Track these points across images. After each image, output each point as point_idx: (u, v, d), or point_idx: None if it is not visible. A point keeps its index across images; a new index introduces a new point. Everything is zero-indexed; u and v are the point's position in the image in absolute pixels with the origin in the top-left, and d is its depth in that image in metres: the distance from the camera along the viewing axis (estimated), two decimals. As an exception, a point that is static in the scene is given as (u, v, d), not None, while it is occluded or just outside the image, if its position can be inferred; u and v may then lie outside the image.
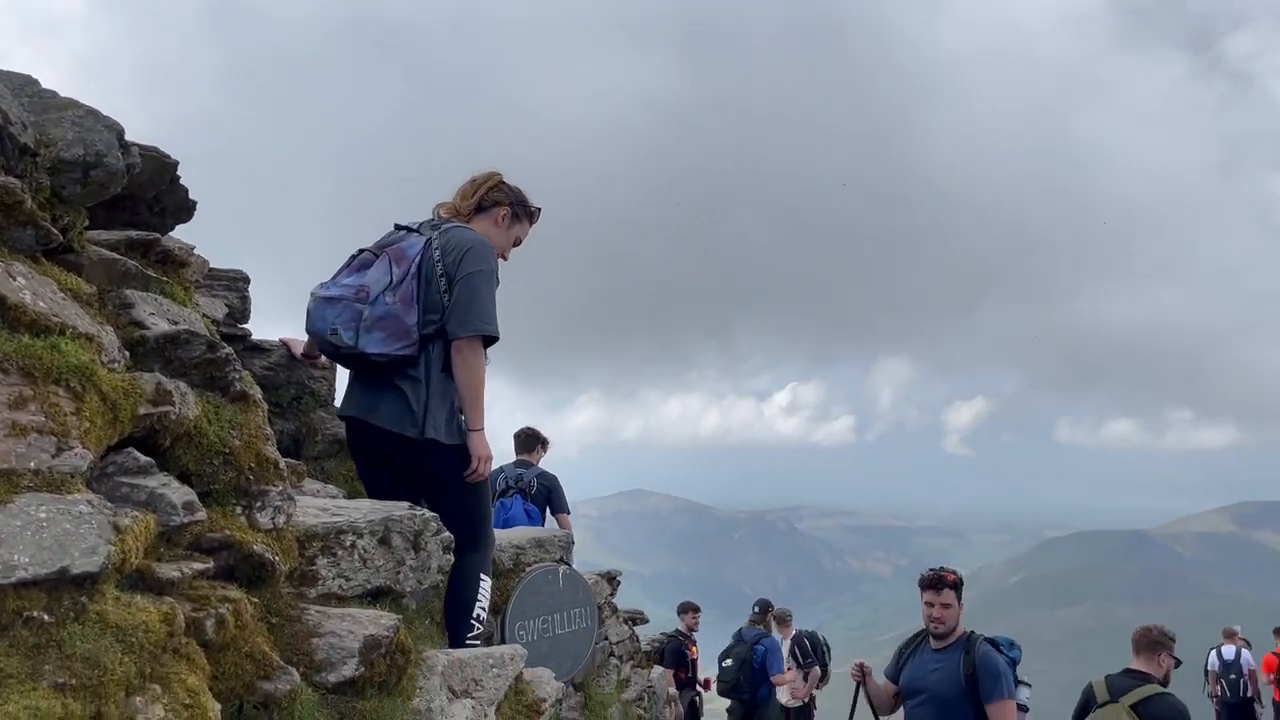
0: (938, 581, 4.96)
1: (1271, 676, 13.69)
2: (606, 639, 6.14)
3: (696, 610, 10.23)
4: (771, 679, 9.69)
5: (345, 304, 3.26)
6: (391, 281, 3.28)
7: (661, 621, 9.93)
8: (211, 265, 3.87)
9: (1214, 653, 14.38)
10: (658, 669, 7.87)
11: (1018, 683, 4.93)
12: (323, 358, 3.99)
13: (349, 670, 2.07)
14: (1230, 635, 14.57)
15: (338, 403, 4.21)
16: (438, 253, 3.38)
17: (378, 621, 2.20)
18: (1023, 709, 4.92)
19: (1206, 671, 14.38)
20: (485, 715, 2.38)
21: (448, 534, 2.76)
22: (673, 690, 9.61)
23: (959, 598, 4.98)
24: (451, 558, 2.78)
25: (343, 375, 4.11)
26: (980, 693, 4.74)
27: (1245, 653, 14.22)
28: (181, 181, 3.01)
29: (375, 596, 2.50)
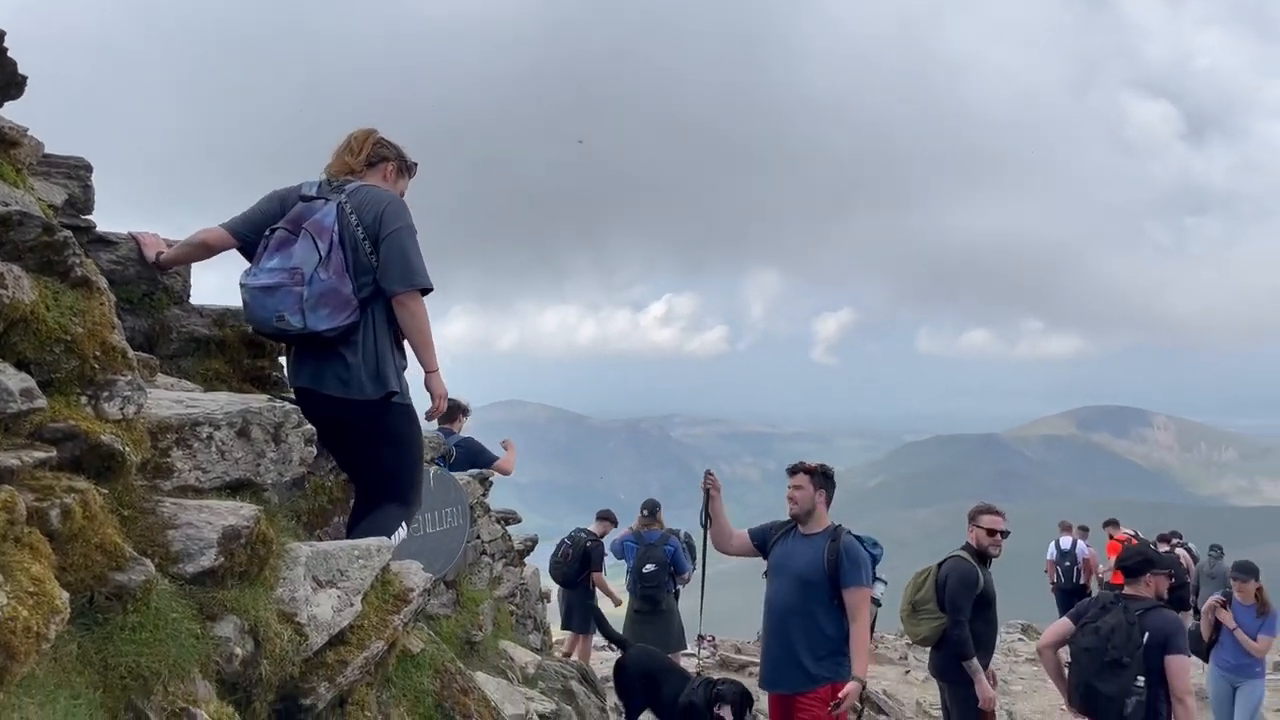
0: (795, 468, 5.40)
1: (1112, 561, 14.87)
2: (479, 538, 6.20)
3: (614, 521, 10.45)
4: (680, 577, 9.95)
5: (284, 290, 3.32)
6: (320, 257, 3.35)
7: (536, 529, 10.02)
8: (50, 151, 3.61)
9: (1053, 544, 15.59)
10: (530, 567, 7.99)
11: (875, 579, 5.24)
12: (173, 269, 3.85)
13: (208, 561, 2.03)
14: (1066, 528, 15.81)
15: (194, 299, 4.07)
16: (354, 217, 3.47)
17: (237, 512, 2.15)
18: (876, 603, 5.24)
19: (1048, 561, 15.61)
20: (351, 604, 2.38)
21: (309, 426, 2.71)
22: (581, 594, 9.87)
23: (816, 485, 5.27)
24: (314, 449, 2.75)
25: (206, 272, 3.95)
26: (840, 577, 5.02)
27: (1080, 543, 15.45)
28: (9, 54, 2.78)
29: (235, 489, 2.45)
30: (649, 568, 9.50)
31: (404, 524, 3.68)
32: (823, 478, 5.36)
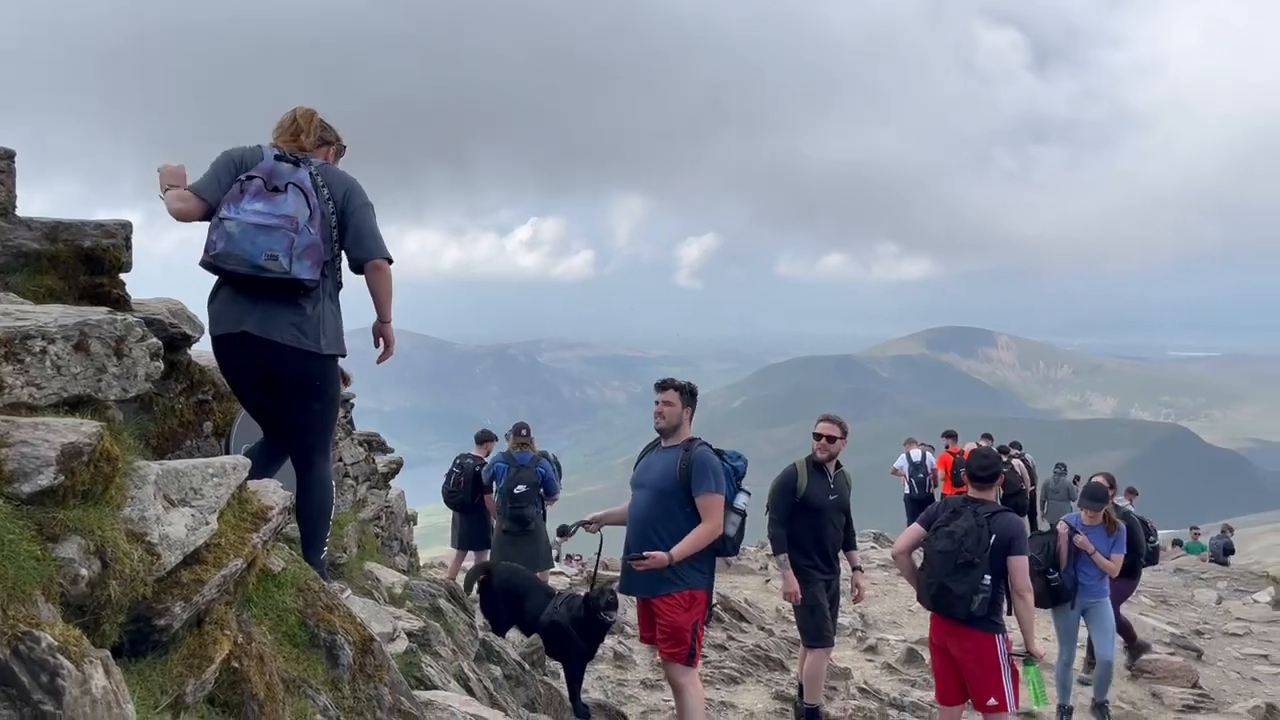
0: (664, 384, 5.48)
1: (945, 473, 15.76)
2: (341, 460, 6.09)
3: (494, 439, 10.54)
4: (549, 500, 10.01)
5: (282, 232, 3.59)
6: (310, 214, 3.68)
7: (402, 456, 9.88)
8: None
9: (904, 457, 16.47)
10: (396, 489, 7.90)
11: (739, 490, 5.38)
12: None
13: (46, 480, 1.92)
14: (910, 443, 16.76)
15: (20, 211, 3.79)
16: (325, 190, 3.83)
17: (78, 429, 2.04)
18: (740, 513, 5.38)
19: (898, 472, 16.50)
20: (205, 522, 2.30)
21: (155, 340, 2.58)
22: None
23: (684, 402, 5.36)
24: (161, 364, 2.61)
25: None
26: (692, 484, 5.16)
27: (929, 455, 16.38)
28: None
29: (74, 406, 2.31)
30: (520, 489, 9.53)
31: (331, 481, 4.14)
32: (690, 395, 5.47)
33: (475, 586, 6.57)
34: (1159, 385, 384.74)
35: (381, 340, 4.07)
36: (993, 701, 5.70)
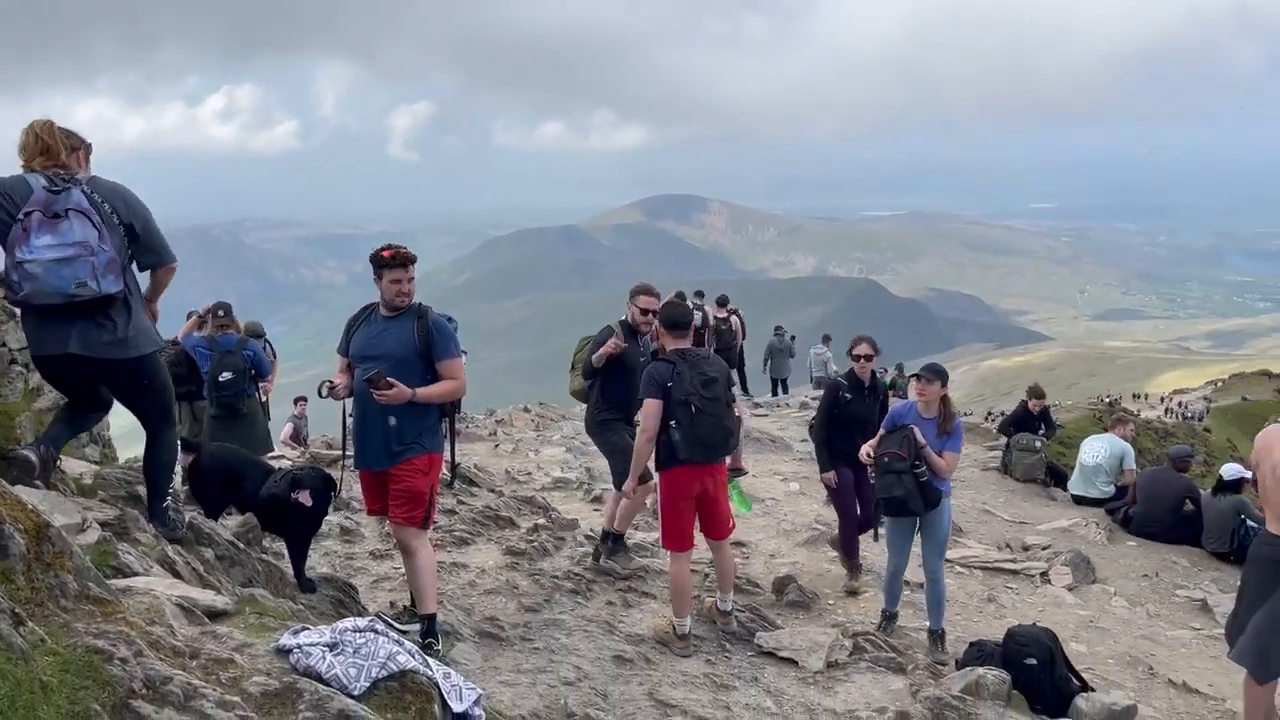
0: (408, 259, 5.12)
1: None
2: (4, 345, 5.45)
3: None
4: (262, 384, 9.45)
5: (81, 260, 3.93)
6: (99, 233, 3.99)
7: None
8: None
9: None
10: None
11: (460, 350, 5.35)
12: None
13: None
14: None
15: None
16: (106, 205, 4.10)
17: None
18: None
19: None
20: None
21: None
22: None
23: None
24: None
25: None
26: (434, 352, 5.06)
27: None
28: None
29: None
30: (226, 375, 8.97)
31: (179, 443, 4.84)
32: (413, 263, 5.28)
33: (181, 469, 6.17)
34: (852, 243, 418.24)
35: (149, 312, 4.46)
36: (732, 524, 6.38)
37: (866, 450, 6.77)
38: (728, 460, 6.34)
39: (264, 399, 9.89)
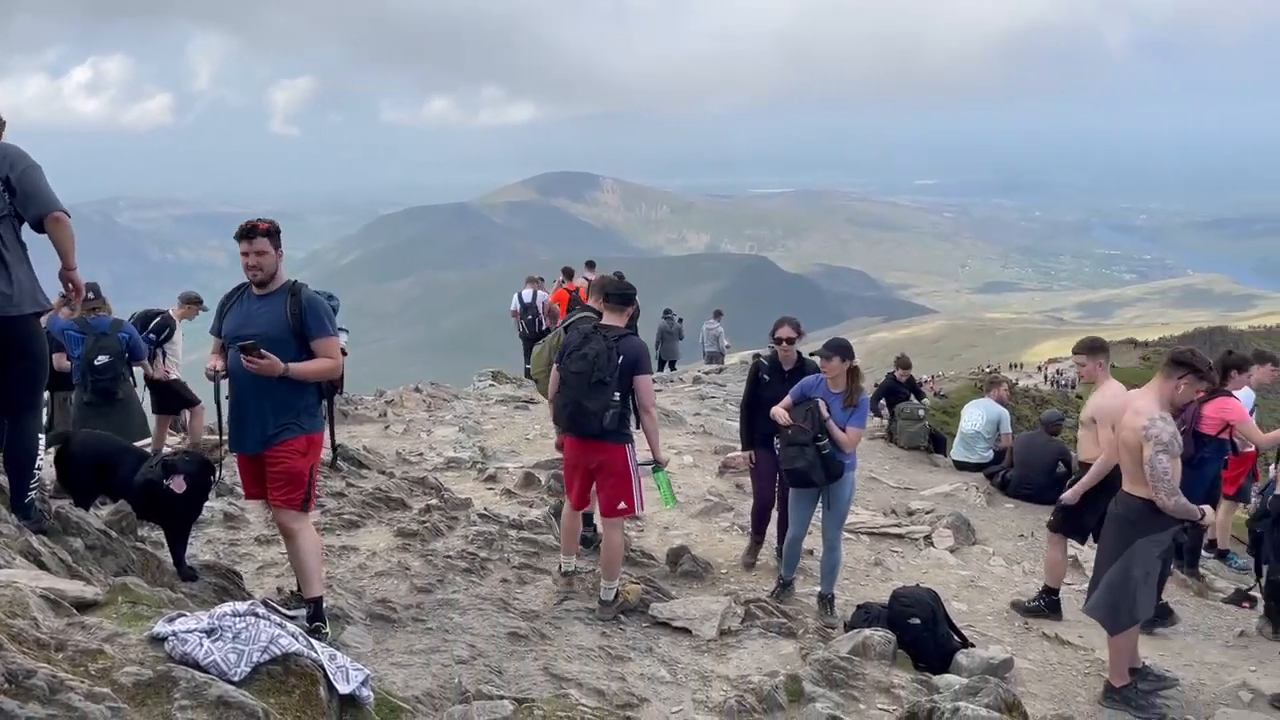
0: (250, 231, 4.91)
1: (561, 307, 16.47)
2: None
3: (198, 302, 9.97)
4: (145, 366, 9.07)
5: None
6: None
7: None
8: None
9: (516, 296, 17.07)
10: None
11: (339, 329, 5.21)
12: None
13: None
14: (531, 280, 17.35)
15: None
16: None
17: None
18: (342, 352, 5.23)
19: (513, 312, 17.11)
20: None
21: None
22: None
23: (275, 246, 4.98)
24: None
25: None
26: (307, 330, 4.91)
27: (541, 293, 17.02)
28: None
29: None
30: (101, 359, 8.54)
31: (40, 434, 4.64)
32: (278, 234, 5.09)
33: (51, 458, 5.89)
34: (743, 220, 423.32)
35: (70, 285, 4.46)
36: (623, 505, 6.28)
37: (778, 410, 6.90)
38: (633, 449, 6.32)
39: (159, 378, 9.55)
